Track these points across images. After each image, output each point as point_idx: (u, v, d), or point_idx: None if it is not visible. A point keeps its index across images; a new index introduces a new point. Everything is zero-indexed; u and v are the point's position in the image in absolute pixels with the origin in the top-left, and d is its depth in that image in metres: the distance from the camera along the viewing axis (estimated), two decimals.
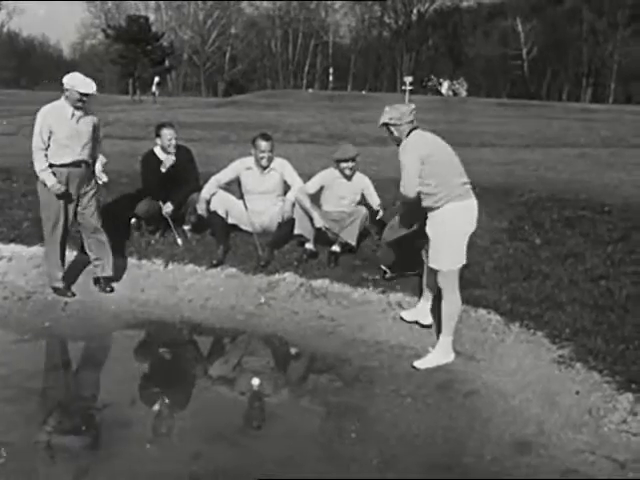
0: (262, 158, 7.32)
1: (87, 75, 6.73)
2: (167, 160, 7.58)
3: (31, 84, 77.61)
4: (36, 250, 7.51)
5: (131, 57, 58.08)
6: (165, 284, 7.17)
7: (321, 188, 7.30)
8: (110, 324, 6.64)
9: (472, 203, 5.43)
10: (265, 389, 5.19)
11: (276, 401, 5.14)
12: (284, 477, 4.03)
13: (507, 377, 5.13)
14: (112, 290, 7.07)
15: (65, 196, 6.66)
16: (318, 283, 6.74)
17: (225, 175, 7.50)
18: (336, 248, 7.06)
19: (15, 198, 8.72)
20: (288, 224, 7.19)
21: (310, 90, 65.24)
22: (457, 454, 4.27)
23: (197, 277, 7.17)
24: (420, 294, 6.06)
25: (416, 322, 5.99)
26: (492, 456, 4.22)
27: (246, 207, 7.43)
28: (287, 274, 6.95)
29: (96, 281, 7.09)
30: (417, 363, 5.43)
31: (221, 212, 7.33)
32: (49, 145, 6.57)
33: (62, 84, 6.56)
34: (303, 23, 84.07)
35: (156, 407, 4.89)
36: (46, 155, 6.57)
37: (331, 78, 75.92)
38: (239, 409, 5.00)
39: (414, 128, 5.50)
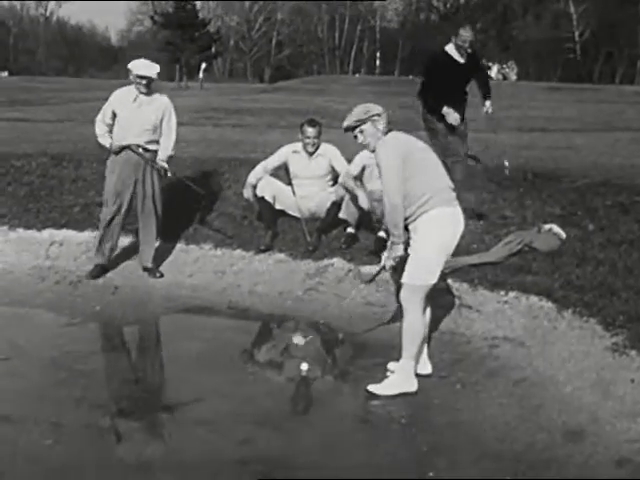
0: (308, 144, 7.31)
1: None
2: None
3: (79, 72, 78.65)
4: (87, 235, 7.62)
5: (178, 44, 58.41)
6: (213, 269, 7.20)
7: (364, 169, 7.23)
8: (159, 309, 6.72)
9: (458, 212, 4.85)
10: (313, 374, 5.17)
11: (323, 387, 5.13)
12: (330, 463, 4.01)
13: (559, 364, 5.02)
14: (162, 276, 7.14)
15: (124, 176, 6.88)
16: (367, 269, 6.69)
17: (273, 161, 7.50)
18: (382, 234, 7.00)
19: (65, 184, 8.85)
20: (337, 209, 7.17)
21: (357, 75, 64.91)
22: (507, 442, 4.19)
23: (245, 262, 7.19)
24: None
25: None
26: (543, 444, 4.14)
27: (294, 192, 7.42)
28: (335, 259, 6.92)
29: (145, 267, 7.16)
30: (371, 387, 4.82)
31: (268, 197, 7.33)
32: (113, 125, 6.87)
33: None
34: (350, 7, 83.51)
35: (205, 391, 4.91)
36: (109, 132, 6.91)
37: (378, 63, 75.43)
38: (286, 394, 5.01)
39: (389, 130, 4.89)
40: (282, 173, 7.61)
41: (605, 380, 4.67)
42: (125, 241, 7.44)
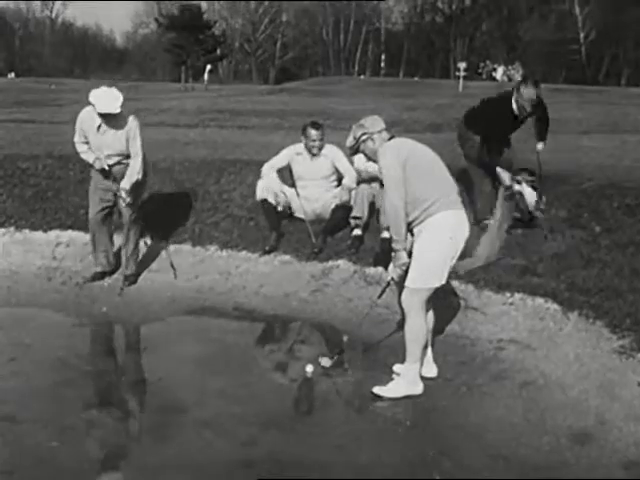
0: (312, 147, 7.31)
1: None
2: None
3: (85, 73, 78.79)
4: None
5: (183, 46, 58.59)
6: (219, 271, 7.21)
7: None
8: (165, 310, 6.70)
9: (463, 215, 4.84)
10: (318, 376, 5.17)
11: (329, 388, 5.12)
12: (335, 464, 4.01)
13: (565, 367, 5.02)
14: (130, 284, 6.99)
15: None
16: (372, 270, 6.69)
17: (277, 161, 7.51)
18: (386, 234, 6.99)
19: (71, 185, 8.85)
20: (342, 211, 7.16)
21: (362, 77, 64.89)
22: (514, 445, 4.19)
23: (251, 264, 7.20)
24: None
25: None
26: (550, 447, 4.13)
27: (298, 194, 7.41)
28: (341, 261, 6.93)
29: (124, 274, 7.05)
30: (377, 389, 4.83)
31: (272, 199, 7.33)
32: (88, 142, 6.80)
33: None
34: (355, 10, 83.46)
35: (210, 393, 4.91)
36: (90, 149, 6.81)
37: (383, 64, 75.29)
38: (292, 395, 5.01)
39: (391, 137, 4.94)
40: (286, 175, 7.60)
41: (612, 383, 4.66)
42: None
